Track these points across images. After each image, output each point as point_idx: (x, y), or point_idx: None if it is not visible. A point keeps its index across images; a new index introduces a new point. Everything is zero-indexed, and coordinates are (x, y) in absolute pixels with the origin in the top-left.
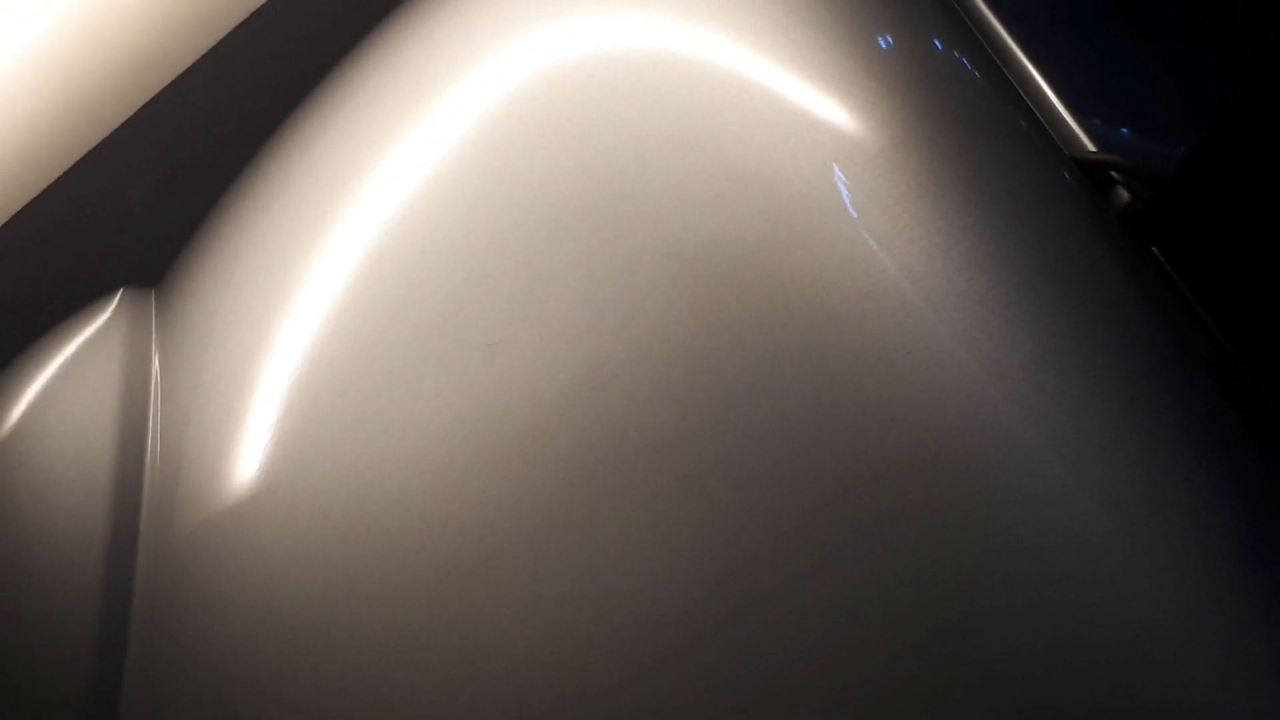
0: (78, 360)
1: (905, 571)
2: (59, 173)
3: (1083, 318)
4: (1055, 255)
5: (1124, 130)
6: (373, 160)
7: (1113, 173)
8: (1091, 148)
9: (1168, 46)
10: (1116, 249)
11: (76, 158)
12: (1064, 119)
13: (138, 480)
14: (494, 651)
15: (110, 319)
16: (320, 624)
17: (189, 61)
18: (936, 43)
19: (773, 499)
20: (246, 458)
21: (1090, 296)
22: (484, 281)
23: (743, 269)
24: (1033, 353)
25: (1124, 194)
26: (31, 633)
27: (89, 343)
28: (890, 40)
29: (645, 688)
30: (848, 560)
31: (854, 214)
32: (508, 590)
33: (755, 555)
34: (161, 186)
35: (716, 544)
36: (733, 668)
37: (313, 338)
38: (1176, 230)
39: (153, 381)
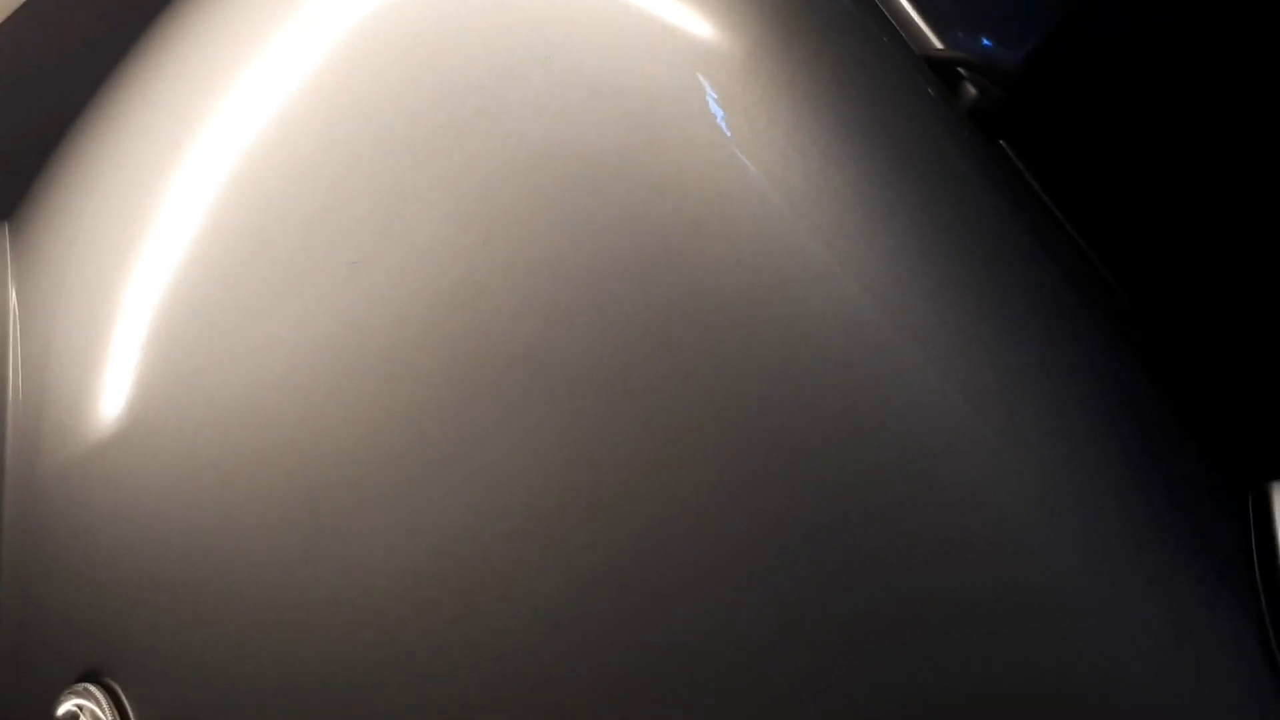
0: None
1: (771, 468)
2: None
3: (937, 210)
4: (909, 151)
5: (971, 29)
6: (226, 83)
7: (960, 69)
8: (939, 45)
9: None
10: (967, 143)
11: None
12: (912, 18)
13: (0, 415)
14: (370, 569)
15: None
16: (194, 551)
17: None
18: None
19: (641, 407)
20: (111, 389)
21: (943, 190)
22: (344, 201)
23: (605, 178)
24: (890, 246)
25: (971, 90)
26: None
27: None
28: None
29: (518, 596)
30: (715, 459)
31: (712, 118)
32: (381, 506)
33: (625, 462)
34: (11, 116)
35: (587, 453)
36: (598, 572)
37: (173, 265)
38: (1022, 124)
39: (10, 314)
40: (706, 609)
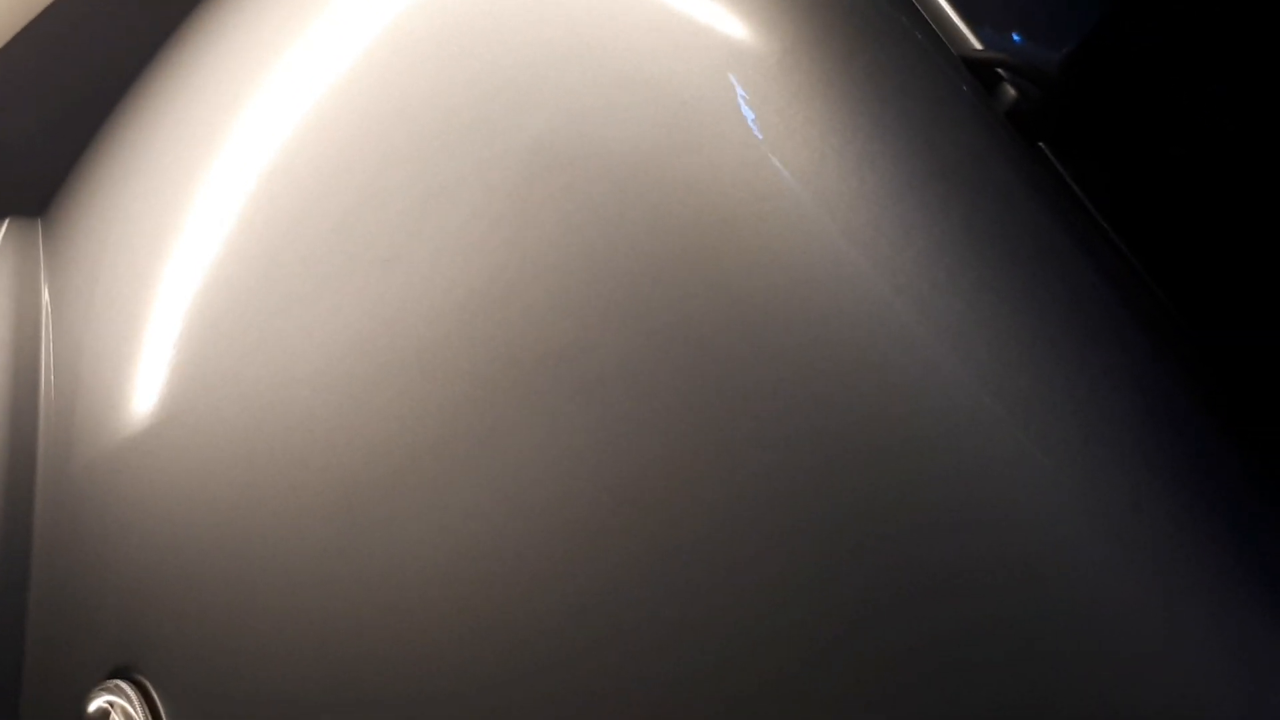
0: None
1: (800, 471)
2: None
3: (974, 213)
4: (945, 153)
5: (1011, 29)
6: (259, 80)
7: (999, 70)
8: (978, 46)
9: None
10: (1004, 146)
11: None
12: (950, 18)
13: (33, 412)
14: (400, 566)
15: None
16: (226, 547)
17: None
18: None
19: (671, 407)
20: (145, 385)
21: (980, 192)
22: (377, 198)
23: (637, 176)
24: (925, 249)
25: (1010, 91)
26: None
27: None
28: None
29: (546, 595)
30: (744, 462)
31: (746, 117)
32: (412, 504)
33: (654, 463)
34: (42, 115)
35: (617, 453)
36: (626, 573)
37: (205, 261)
38: (1061, 126)
39: (44, 312)
40: (739, 614)
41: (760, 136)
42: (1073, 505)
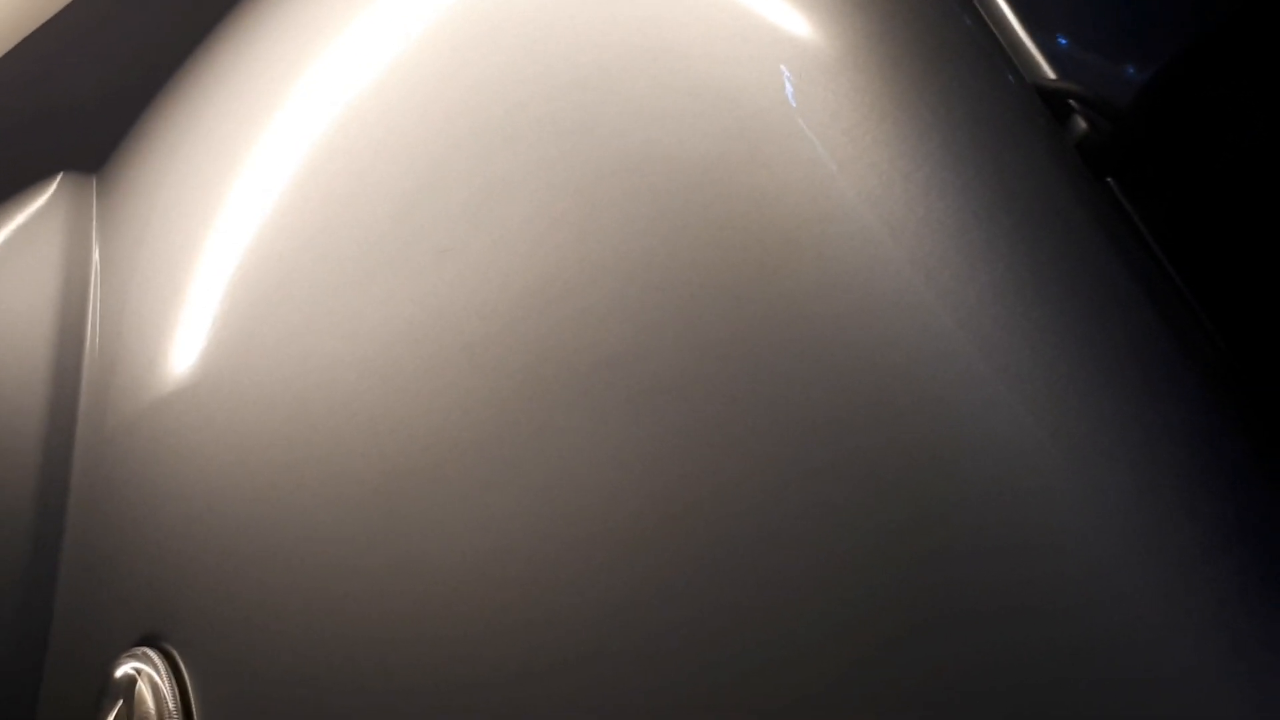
0: (15, 245)
1: (852, 496)
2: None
3: (1039, 249)
4: (1013, 184)
5: (1085, 60)
6: (328, 56)
7: (1071, 101)
8: (1051, 74)
9: None
10: (1073, 180)
11: (16, 40)
12: (1025, 44)
13: (76, 370)
14: (440, 558)
15: (49, 204)
16: (261, 521)
17: None
18: None
19: (723, 421)
20: (189, 350)
21: (1047, 227)
22: (438, 186)
23: (703, 186)
24: (989, 281)
25: (1081, 123)
26: None
27: (27, 228)
28: None
29: (589, 597)
30: (795, 481)
31: (816, 134)
32: (454, 498)
33: (704, 475)
34: (105, 74)
35: (666, 463)
36: (676, 580)
37: (259, 232)
38: (1131, 163)
39: (93, 269)
40: (783, 630)
41: (828, 156)
42: (1129, 559)
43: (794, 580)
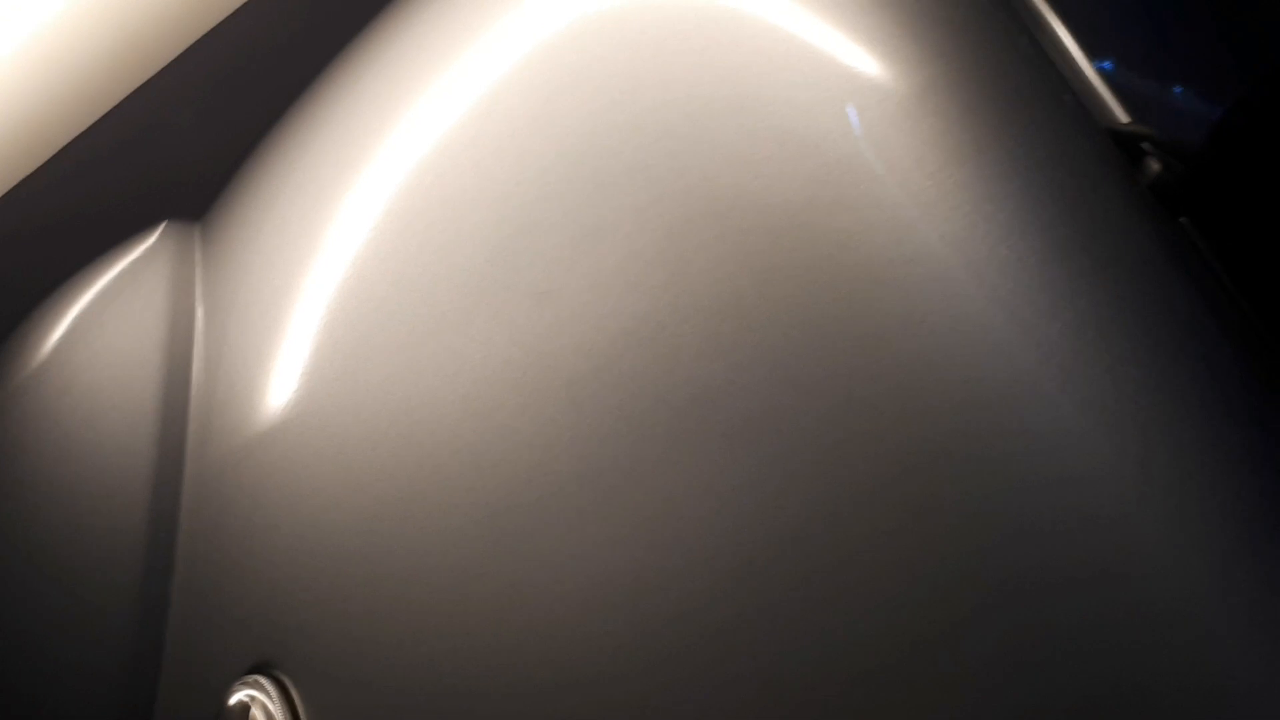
0: (123, 291)
1: (941, 531)
2: (110, 106)
3: (1117, 287)
4: (1091, 225)
5: (1157, 102)
6: (421, 101)
7: (1144, 144)
8: (1124, 118)
9: (1204, 12)
10: (1148, 220)
11: (127, 92)
12: (1096, 88)
13: (183, 409)
14: (543, 589)
15: (153, 250)
16: (370, 552)
17: None
18: (977, 10)
19: (815, 455)
20: (292, 388)
21: (1125, 267)
22: (533, 231)
23: (791, 229)
24: (1070, 322)
25: (1155, 165)
26: (80, 556)
27: (134, 274)
28: (934, 5)
29: (688, 629)
30: (883, 516)
31: (899, 178)
32: (557, 532)
33: (797, 508)
34: (208, 122)
35: (760, 497)
36: (762, 618)
37: (358, 275)
38: (1205, 203)
39: (198, 313)
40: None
41: (910, 198)
42: (1209, 594)
43: (887, 602)
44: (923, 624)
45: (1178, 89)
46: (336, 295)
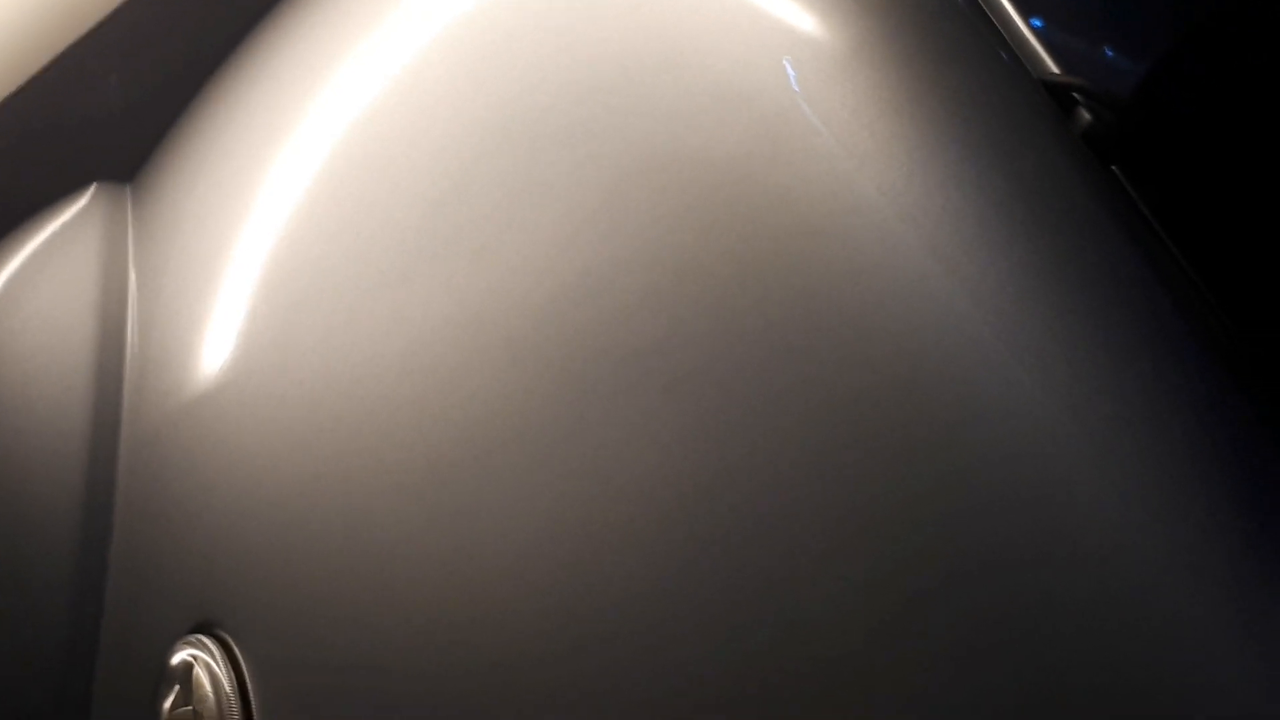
0: (53, 253)
1: (881, 476)
2: (38, 68)
3: (1055, 237)
4: (1025, 175)
5: (1087, 53)
6: (351, 60)
7: (1075, 94)
8: (1055, 69)
9: None
10: (1081, 169)
11: (55, 53)
12: (1028, 41)
13: (118, 372)
14: (485, 545)
15: (84, 213)
16: (310, 511)
17: None
18: None
19: (756, 407)
20: (229, 348)
21: (1060, 215)
22: (469, 189)
23: (728, 184)
24: (1007, 270)
25: (1086, 115)
26: (15, 521)
27: (65, 237)
28: None
29: (630, 583)
30: (825, 464)
31: (835, 130)
32: (499, 487)
33: (737, 453)
34: (137, 82)
35: (701, 450)
36: (711, 564)
37: (293, 234)
38: (1135, 150)
39: (130, 275)
40: (816, 606)
41: (848, 151)
42: (1147, 526)
43: (829, 548)
44: (867, 555)
45: (1108, 41)
46: (271, 255)
